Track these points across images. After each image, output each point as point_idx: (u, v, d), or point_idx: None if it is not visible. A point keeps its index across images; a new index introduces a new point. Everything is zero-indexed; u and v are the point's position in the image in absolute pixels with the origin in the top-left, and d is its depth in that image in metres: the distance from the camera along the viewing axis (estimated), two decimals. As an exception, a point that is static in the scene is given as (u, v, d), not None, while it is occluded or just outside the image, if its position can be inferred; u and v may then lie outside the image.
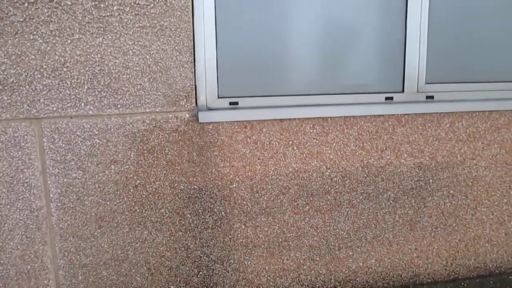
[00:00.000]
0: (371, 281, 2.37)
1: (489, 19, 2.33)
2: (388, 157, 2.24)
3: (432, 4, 2.22)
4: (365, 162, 2.21)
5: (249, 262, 2.18)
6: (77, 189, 1.91)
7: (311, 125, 2.11)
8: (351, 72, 2.21)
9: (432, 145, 2.30)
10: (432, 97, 2.32)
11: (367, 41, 2.20)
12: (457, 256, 2.47)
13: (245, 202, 2.11)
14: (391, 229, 2.34)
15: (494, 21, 2.34)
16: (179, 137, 1.97)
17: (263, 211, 2.15)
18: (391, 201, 2.30)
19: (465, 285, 2.43)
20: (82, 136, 1.88)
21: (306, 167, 2.14)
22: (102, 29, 1.82)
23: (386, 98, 2.26)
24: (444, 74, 2.34)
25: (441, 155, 2.32)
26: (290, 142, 2.11)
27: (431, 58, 2.29)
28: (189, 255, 2.10)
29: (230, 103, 2.08)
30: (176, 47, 1.91)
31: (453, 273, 2.49)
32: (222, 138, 2.02)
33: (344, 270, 2.31)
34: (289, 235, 2.21)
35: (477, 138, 2.36)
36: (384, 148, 2.23)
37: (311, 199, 2.19)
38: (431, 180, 2.33)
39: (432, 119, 2.28)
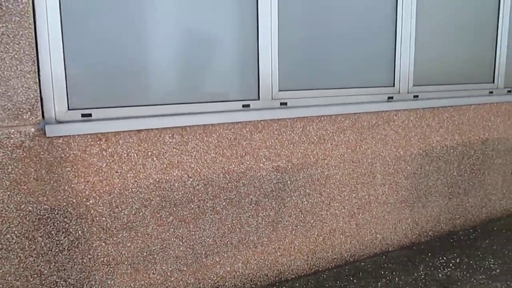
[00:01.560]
0: (240, 284, 2.66)
1: (336, 30, 2.83)
2: (248, 162, 2.57)
3: (281, 15, 2.61)
4: (226, 168, 2.50)
5: (112, 281, 2.29)
6: None
7: (170, 135, 2.32)
8: (210, 81, 2.48)
9: (288, 149, 2.69)
10: (285, 103, 2.71)
11: (224, 50, 2.49)
12: (317, 250, 2.92)
13: (104, 219, 2.21)
14: (255, 232, 2.67)
15: (341, 32, 2.85)
16: (24, 154, 1.99)
17: (125, 226, 2.27)
18: (253, 205, 2.63)
19: (325, 276, 2.89)
20: None
21: (167, 177, 2.34)
22: None
23: (243, 106, 2.58)
24: (295, 82, 2.76)
25: (296, 157, 2.73)
26: (149, 153, 2.28)
27: (283, 67, 2.69)
28: (43, 282, 2.12)
29: (83, 115, 2.16)
30: (15, 56, 1.93)
31: (314, 267, 2.93)
32: (75, 152, 2.10)
33: (212, 277, 2.56)
34: (153, 248, 2.37)
35: (326, 140, 2.83)
36: (244, 153, 2.55)
37: (174, 209, 2.39)
38: (288, 182, 2.73)
39: (286, 124, 2.67)
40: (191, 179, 2.38)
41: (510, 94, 3.80)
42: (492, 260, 3.05)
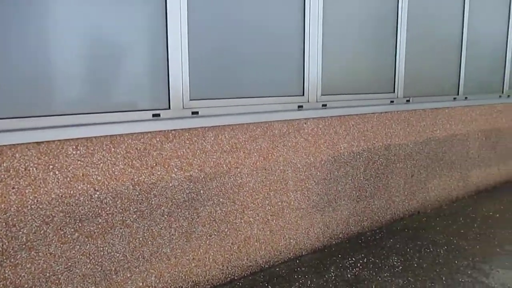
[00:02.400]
0: (152, 299, 2.61)
1: (247, 40, 2.90)
2: (158, 173, 2.54)
3: (191, 24, 2.62)
4: (135, 180, 2.45)
5: (9, 307, 2.13)
6: None
7: (74, 146, 2.22)
8: (117, 90, 2.42)
9: (200, 158, 2.71)
10: (197, 112, 2.73)
11: (132, 59, 2.45)
12: (232, 259, 2.96)
13: (-2, 239, 2.06)
14: (168, 243, 2.63)
15: (252, 42, 2.93)
16: None
17: (24, 246, 2.13)
18: (166, 216, 2.60)
19: (240, 284, 2.93)
20: None
21: (71, 192, 2.24)
22: None
23: (153, 115, 2.55)
24: (207, 91, 2.79)
25: (208, 166, 2.75)
26: (51, 166, 2.17)
27: (195, 76, 2.70)
28: None
29: (-29, 127, 2.01)
30: None
31: (229, 275, 2.96)
32: (-38, 168, 1.93)
33: (122, 293, 2.49)
34: (57, 268, 2.25)
35: (239, 148, 2.89)
36: (154, 164, 2.52)
37: (80, 225, 2.29)
38: (201, 191, 2.74)
39: (198, 133, 2.69)
40: (98, 192, 2.30)
41: (408, 103, 4.15)
42: (395, 258, 3.30)
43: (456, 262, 3.23)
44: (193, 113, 2.69)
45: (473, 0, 4.76)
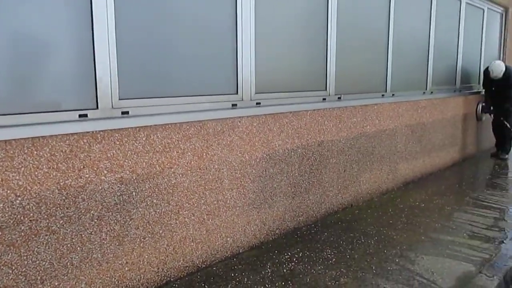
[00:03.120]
0: (83, 307, 2.52)
1: (179, 39, 2.86)
2: (87, 176, 2.45)
3: (118, 21, 2.54)
4: (62, 183, 2.34)
5: None
6: None
7: (-9, 150, 2.09)
8: (40, 89, 2.29)
9: (131, 159, 2.64)
10: (127, 112, 2.66)
11: (56, 57, 2.33)
12: (167, 260, 2.92)
13: None
14: (98, 249, 2.55)
15: (185, 40, 2.89)
16: None
17: None
18: (96, 220, 2.51)
19: (176, 285, 2.90)
20: None
21: (-11, 198, 2.10)
22: None
23: (80, 116, 2.45)
24: (138, 90, 2.72)
25: (140, 167, 2.69)
26: (-36, 172, 2.02)
27: (124, 75, 2.63)
28: None
29: None
30: None
31: (165, 277, 2.92)
32: None
33: (50, 303, 2.37)
34: (-25, 280, 2.10)
35: (172, 148, 2.85)
36: (82, 166, 2.42)
37: (0, 233, 2.16)
38: (134, 193, 2.68)
39: (129, 133, 2.62)
40: (19, 198, 2.18)
41: (340, 100, 4.31)
42: (329, 250, 3.42)
43: (385, 251, 3.41)
44: (123, 113, 2.62)
45: (398, 1, 5.02)
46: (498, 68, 6.62)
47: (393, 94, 5.16)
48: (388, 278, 2.97)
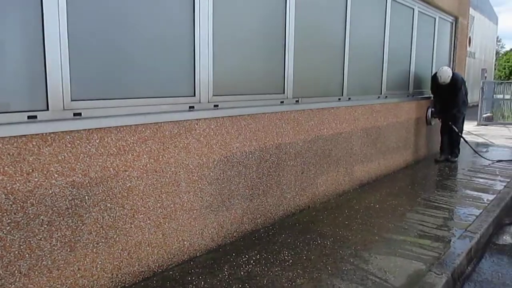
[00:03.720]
0: (32, 316, 2.42)
1: (135, 40, 2.81)
2: (36, 180, 2.36)
3: (71, 21, 2.47)
4: (8, 188, 2.25)
5: None
6: None
7: None
8: (-16, 89, 2.19)
9: (84, 162, 2.57)
10: (79, 114, 2.59)
11: (3, 56, 2.24)
12: (122, 266, 2.86)
13: None
14: (49, 255, 2.46)
15: (141, 41, 2.84)
16: None
17: None
18: (46, 226, 2.43)
19: (131, 291, 2.84)
20: None
21: None
22: None
23: (29, 117, 2.37)
24: (91, 91, 2.65)
25: (94, 170, 2.63)
26: None
27: (77, 75, 2.56)
28: None
29: None
30: None
31: (120, 283, 2.86)
32: None
33: (-5, 313, 2.27)
34: None
35: (127, 151, 2.80)
36: (31, 170, 2.33)
37: None
38: (86, 197, 2.61)
39: (81, 136, 2.55)
40: (-39, 204, 2.07)
41: (297, 103, 4.37)
42: (286, 252, 3.45)
43: (340, 251, 3.48)
44: (75, 114, 2.55)
45: (354, 6, 5.16)
46: (446, 74, 6.88)
47: (349, 98, 5.29)
48: (343, 277, 3.03)
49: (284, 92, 4.20)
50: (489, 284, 3.30)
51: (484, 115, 15.23)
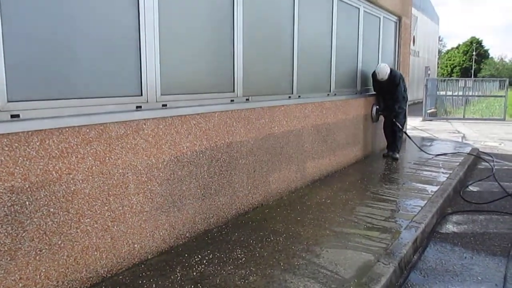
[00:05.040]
0: (-31, 330, 2.28)
1: (78, 39, 2.70)
2: (-30, 186, 2.22)
3: (5, 19, 2.34)
4: None
5: None
6: None
7: None
8: None
9: (23, 166, 2.45)
10: (17, 115, 2.46)
11: None
12: (68, 272, 2.75)
13: None
14: (-14, 265, 2.33)
15: (84, 40, 2.74)
16: None
17: None
18: (-18, 234, 2.30)
19: (79, 298, 2.74)
20: None
21: None
22: None
23: (-40, 120, 2.23)
24: (30, 92, 2.53)
25: (34, 174, 2.51)
26: None
27: (14, 74, 2.43)
28: None
29: None
30: None
31: (66, 291, 2.75)
32: None
33: None
34: None
35: (70, 153, 2.70)
36: (-36, 176, 2.20)
37: None
38: (27, 203, 2.49)
39: (20, 138, 2.43)
40: None
41: (248, 102, 4.38)
42: (239, 250, 3.46)
43: (293, 247, 3.53)
44: (12, 116, 2.43)
45: (302, 4, 5.24)
46: (383, 71, 7.02)
47: (299, 96, 5.37)
48: (295, 272, 3.07)
49: (234, 91, 4.19)
50: (433, 271, 3.45)
51: (428, 111, 15.96)
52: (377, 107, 7.69)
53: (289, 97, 5.17)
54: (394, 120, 7.42)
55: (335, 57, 6.28)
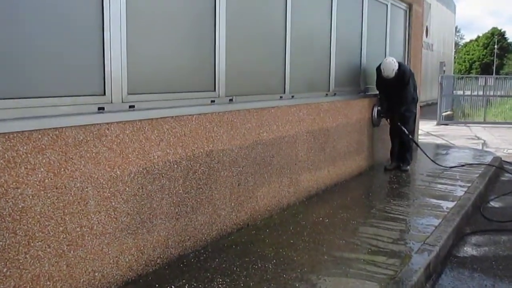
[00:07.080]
0: None
1: (29, 32, 2.69)
2: None
3: None
4: None
5: None
6: None
7: None
8: None
9: (-39, 179, 2.42)
10: (-46, 118, 2.44)
11: None
12: (14, 307, 2.71)
13: None
14: None
15: (36, 35, 2.73)
16: None
17: None
18: None
19: (27, 338, 2.70)
20: None
21: None
22: None
23: None
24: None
25: (-26, 189, 2.48)
26: None
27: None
28: None
29: None
30: None
31: (11, 329, 2.71)
32: None
33: None
34: None
35: (19, 163, 2.67)
36: None
37: None
38: (-35, 223, 2.46)
39: (-43, 146, 2.40)
40: None
41: (231, 103, 4.39)
42: (220, 279, 3.45)
43: (284, 275, 3.53)
44: None
45: (294, -8, 5.28)
46: (390, 67, 6.72)
47: (292, 96, 5.40)
48: (286, 306, 3.07)
49: (215, 90, 4.21)
50: (449, 303, 3.48)
51: (444, 114, 16.14)
52: (379, 108, 7.51)
53: (281, 97, 5.20)
54: (399, 124, 7.26)
55: (335, 51, 6.33)
